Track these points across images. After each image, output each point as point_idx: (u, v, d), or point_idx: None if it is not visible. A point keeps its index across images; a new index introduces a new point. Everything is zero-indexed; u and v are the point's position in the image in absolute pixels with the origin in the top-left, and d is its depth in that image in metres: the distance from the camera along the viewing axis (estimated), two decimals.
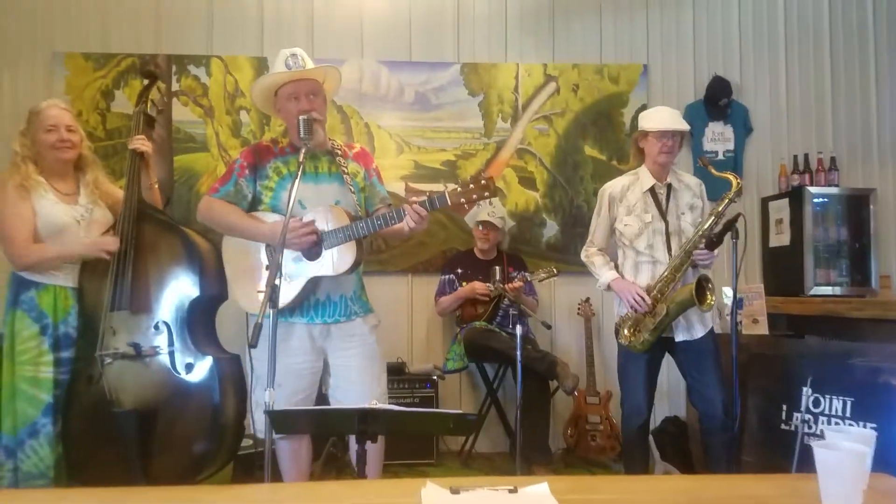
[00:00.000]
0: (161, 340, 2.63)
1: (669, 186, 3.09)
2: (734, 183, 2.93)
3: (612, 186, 3.19)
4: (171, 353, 2.62)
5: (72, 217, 2.73)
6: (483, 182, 2.27)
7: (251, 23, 4.37)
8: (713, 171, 3.04)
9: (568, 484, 1.40)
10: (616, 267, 3.15)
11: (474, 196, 2.27)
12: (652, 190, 3.08)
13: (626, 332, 3.01)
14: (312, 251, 2.44)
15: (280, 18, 4.39)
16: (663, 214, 3.05)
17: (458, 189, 2.28)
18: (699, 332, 3.04)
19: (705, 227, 2.91)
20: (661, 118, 3.07)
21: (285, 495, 1.60)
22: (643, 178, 3.11)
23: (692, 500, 1.32)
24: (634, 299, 2.95)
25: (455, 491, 1.28)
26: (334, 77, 2.63)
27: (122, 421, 2.52)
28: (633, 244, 3.07)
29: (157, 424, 2.56)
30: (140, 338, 2.63)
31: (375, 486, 1.79)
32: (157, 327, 2.64)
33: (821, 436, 3.14)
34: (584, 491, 1.42)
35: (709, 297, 2.88)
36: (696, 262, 2.94)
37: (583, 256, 3.25)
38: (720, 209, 2.92)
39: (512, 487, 1.30)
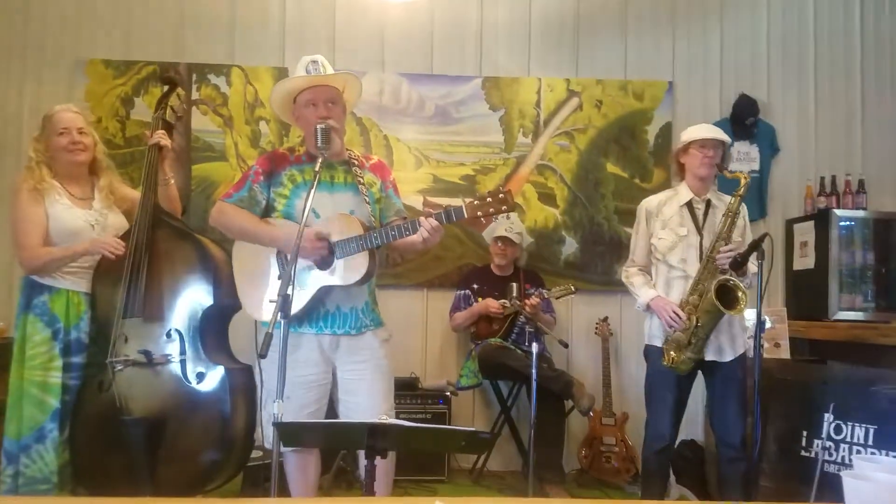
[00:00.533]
0: (173, 349, 2.61)
1: (708, 202, 3.04)
2: (742, 180, 2.89)
3: (649, 202, 3.16)
4: (183, 362, 2.59)
5: (86, 221, 2.72)
6: (501, 196, 2.22)
7: (273, 33, 4.38)
8: (726, 173, 2.98)
9: None
10: None
11: (492, 210, 2.22)
12: (689, 204, 3.04)
13: (672, 353, 2.92)
14: (324, 260, 2.40)
15: (302, 29, 4.39)
16: (699, 229, 2.99)
17: (476, 202, 2.24)
18: (728, 356, 2.97)
19: (724, 229, 2.87)
20: (704, 129, 3.09)
21: None
22: (681, 192, 3.08)
23: None
24: (670, 317, 2.89)
25: None
26: (354, 86, 2.61)
27: (130, 429, 2.50)
28: (666, 258, 3.02)
29: (165, 434, 2.53)
30: (152, 345, 2.60)
31: (385, 502, 1.73)
32: (169, 335, 2.62)
33: (842, 463, 3.07)
34: None
35: (737, 302, 2.79)
36: (719, 266, 2.86)
37: (623, 277, 3.21)
38: (734, 207, 2.89)
39: None
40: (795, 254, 4.39)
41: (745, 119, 4.47)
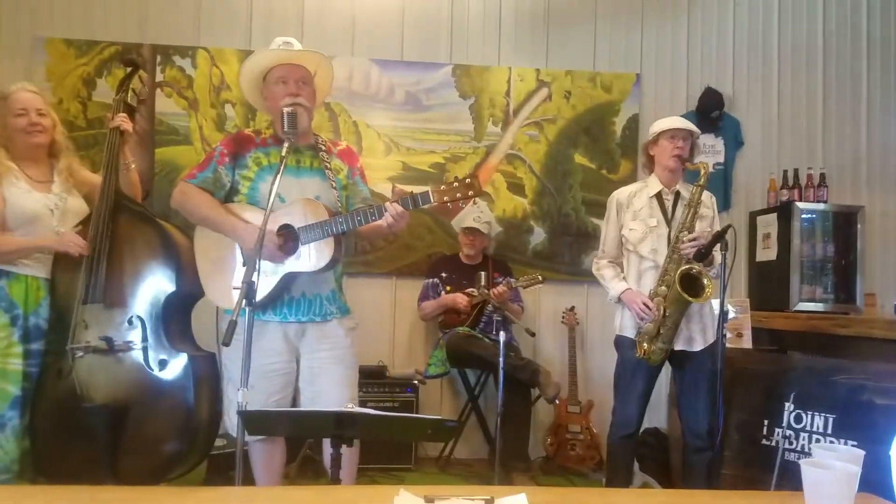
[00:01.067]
0: (135, 335, 2.55)
1: (678, 194, 3.07)
2: (702, 171, 2.93)
3: (620, 193, 3.18)
4: (145, 349, 2.54)
5: (44, 206, 2.65)
6: (468, 181, 2.21)
7: (240, 15, 4.31)
8: (688, 164, 3.02)
9: (547, 495, 1.35)
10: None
11: (458, 195, 2.21)
12: (659, 195, 3.07)
13: (645, 345, 2.95)
14: (288, 246, 2.36)
15: (270, 11, 4.33)
16: (668, 220, 3.03)
17: (443, 187, 2.23)
18: (698, 346, 3.01)
19: (687, 219, 2.91)
20: (673, 120, 3.12)
21: (257, 499, 1.54)
22: (651, 184, 3.11)
23: None
24: (640, 309, 2.92)
25: (429, 500, 1.23)
26: (327, 71, 2.55)
27: (91, 416, 2.44)
28: (637, 249, 3.05)
29: (127, 421, 2.48)
30: (113, 332, 2.55)
31: (348, 492, 1.74)
32: (130, 322, 2.57)
33: (802, 452, 3.15)
34: (563, 500, 1.37)
35: (702, 290, 2.83)
36: (684, 256, 2.89)
37: (593, 269, 3.22)
38: (696, 198, 2.92)
39: (489, 497, 1.25)
40: (758, 245, 4.48)
41: (710, 112, 4.53)
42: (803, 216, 4.24)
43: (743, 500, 1.46)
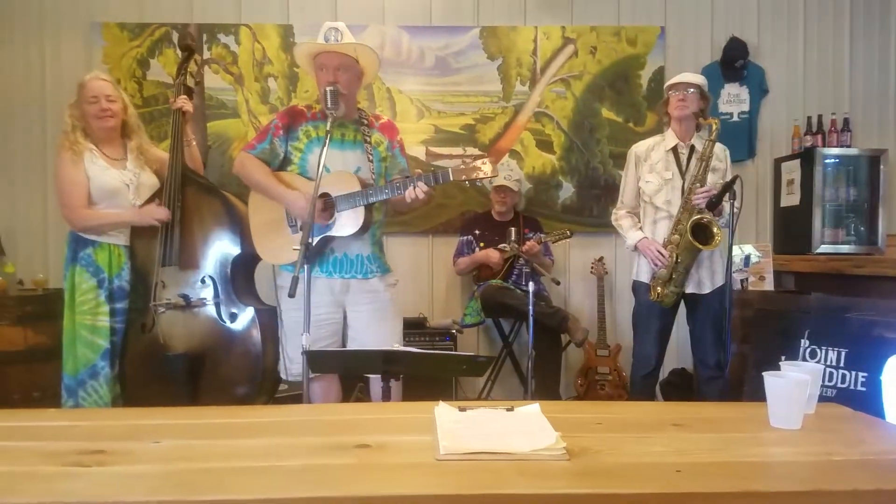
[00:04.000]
0: (207, 293, 2.92)
1: (692, 148, 3.26)
2: (713, 126, 3.12)
3: (638, 147, 3.39)
4: (217, 304, 2.91)
5: (121, 181, 2.99)
6: (483, 162, 2.49)
7: None
8: (700, 120, 3.21)
9: (558, 407, 1.64)
10: None
11: (474, 174, 2.49)
12: (675, 149, 3.27)
13: (658, 289, 3.20)
14: (327, 213, 2.67)
15: None
16: (682, 173, 3.23)
17: (461, 167, 2.51)
18: (707, 289, 3.24)
19: (698, 172, 3.11)
20: (678, 76, 3.31)
21: (320, 413, 1.86)
22: (668, 138, 3.31)
23: (660, 420, 1.55)
24: (655, 256, 3.16)
25: (462, 409, 1.53)
26: (369, 57, 2.77)
27: (173, 363, 2.83)
28: (653, 200, 3.27)
29: (204, 367, 2.86)
30: (189, 290, 2.92)
31: (397, 406, 2.05)
32: (203, 281, 2.93)
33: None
34: (570, 412, 1.67)
35: (711, 238, 3.05)
36: (695, 206, 3.11)
37: (612, 219, 3.47)
38: (707, 152, 3.11)
39: (509, 407, 1.54)
40: (782, 191, 4.61)
41: (734, 62, 4.61)
42: (826, 161, 4.35)
43: (718, 408, 1.74)
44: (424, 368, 2.31)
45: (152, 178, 3.09)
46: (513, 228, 3.95)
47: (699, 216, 3.06)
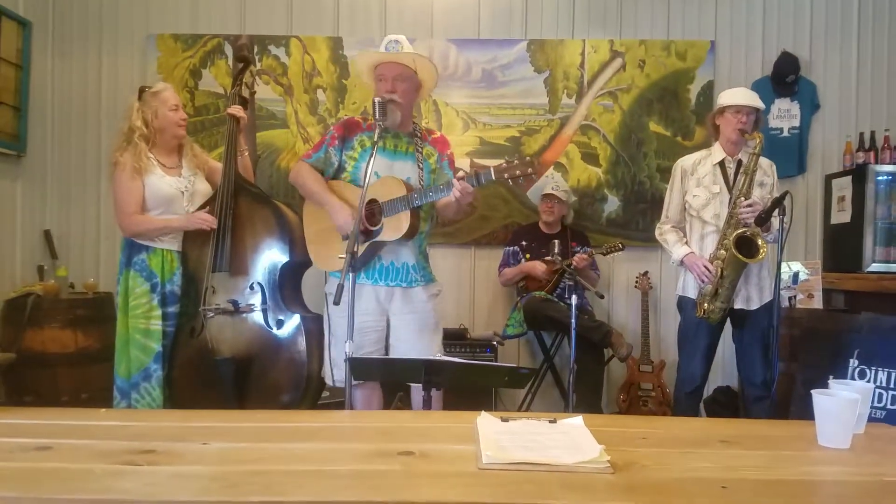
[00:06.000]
0: (256, 299, 2.99)
1: (739, 162, 3.23)
2: (758, 140, 3.08)
3: (685, 161, 3.37)
4: (265, 311, 2.97)
5: (177, 189, 3.09)
6: (526, 159, 2.50)
7: (327, 4, 4.61)
8: (745, 136, 3.16)
9: (601, 420, 1.63)
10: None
11: (517, 172, 2.49)
12: (722, 164, 3.24)
13: (705, 305, 3.16)
14: (374, 219, 2.72)
15: (354, 0, 4.62)
16: (730, 187, 3.20)
17: (503, 165, 2.52)
18: (755, 304, 3.20)
19: (743, 186, 3.08)
20: (740, 95, 3.26)
21: (364, 420, 1.89)
22: (715, 152, 3.29)
23: (707, 436, 1.53)
24: (701, 272, 3.13)
25: (505, 420, 1.54)
26: (428, 69, 2.82)
27: (221, 368, 2.90)
28: (700, 214, 3.24)
29: (251, 372, 2.93)
30: (238, 296, 3.00)
31: (440, 415, 2.07)
32: (252, 287, 3.00)
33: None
34: (614, 426, 1.67)
35: (757, 251, 3.00)
36: (741, 221, 3.07)
37: (657, 233, 3.44)
38: (752, 166, 3.08)
39: (552, 419, 1.55)
40: (833, 208, 4.50)
41: (786, 76, 4.54)
42: (878, 178, 4.24)
43: (767, 426, 1.71)
44: (466, 378, 2.32)
45: (206, 185, 3.18)
46: (556, 241, 3.94)
47: (743, 230, 3.02)
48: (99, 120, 4.58)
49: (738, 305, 3.17)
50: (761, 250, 2.99)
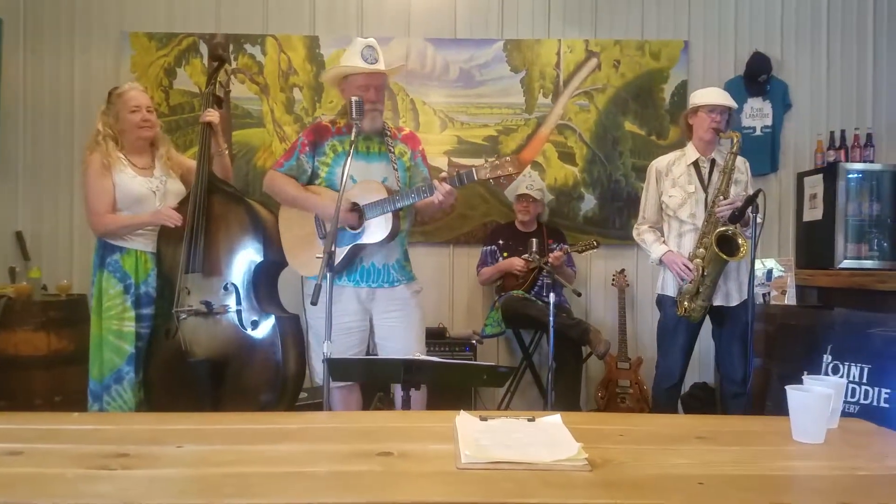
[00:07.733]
0: (230, 300, 2.95)
1: (713, 161, 3.27)
2: (734, 140, 3.13)
3: (659, 162, 3.41)
4: (239, 312, 2.94)
5: (148, 189, 3.04)
6: (508, 159, 2.50)
7: (304, 3, 4.58)
8: (721, 135, 3.22)
9: (579, 417, 1.64)
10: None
11: (499, 172, 2.50)
12: (696, 163, 3.28)
13: (686, 303, 3.19)
14: (352, 215, 2.70)
15: None
16: (705, 186, 3.23)
17: (486, 166, 2.51)
18: (734, 301, 3.24)
19: (722, 185, 3.12)
20: (713, 94, 3.31)
21: (342, 420, 1.88)
22: (689, 153, 3.32)
23: (683, 432, 1.55)
24: (681, 269, 3.16)
25: (483, 419, 1.54)
26: (398, 73, 2.89)
27: (195, 369, 2.86)
28: (677, 214, 3.28)
29: (226, 373, 2.89)
30: (211, 297, 2.95)
31: (418, 414, 2.06)
32: (226, 288, 2.96)
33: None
34: (592, 423, 1.67)
35: (738, 250, 3.04)
36: (720, 219, 3.11)
37: (634, 234, 3.47)
38: (730, 165, 3.13)
39: (530, 417, 1.55)
40: (805, 206, 4.57)
41: (758, 76, 4.59)
42: (849, 176, 4.31)
43: (743, 421, 1.73)
44: (446, 378, 2.32)
45: (179, 185, 3.14)
46: (535, 239, 3.96)
47: (724, 228, 3.05)
48: (72, 119, 4.50)
49: (717, 302, 3.21)
50: (742, 248, 3.03)
